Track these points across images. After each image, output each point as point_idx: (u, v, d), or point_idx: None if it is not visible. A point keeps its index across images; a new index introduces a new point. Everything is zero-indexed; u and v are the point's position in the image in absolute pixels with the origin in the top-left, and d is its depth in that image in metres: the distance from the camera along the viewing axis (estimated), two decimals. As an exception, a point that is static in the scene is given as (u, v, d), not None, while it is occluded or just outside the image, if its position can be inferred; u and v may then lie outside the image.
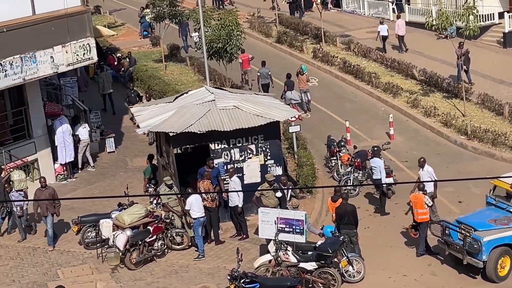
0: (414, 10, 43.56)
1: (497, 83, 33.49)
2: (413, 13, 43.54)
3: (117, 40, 47.06)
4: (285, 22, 46.01)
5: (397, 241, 21.77)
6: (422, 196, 20.62)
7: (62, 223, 23.59)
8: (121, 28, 51.00)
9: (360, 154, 25.43)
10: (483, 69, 34.97)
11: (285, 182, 22.52)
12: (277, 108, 24.01)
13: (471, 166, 26.18)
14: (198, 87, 29.77)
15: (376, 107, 32.77)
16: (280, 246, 19.39)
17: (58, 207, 22.44)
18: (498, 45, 38.24)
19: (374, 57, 37.89)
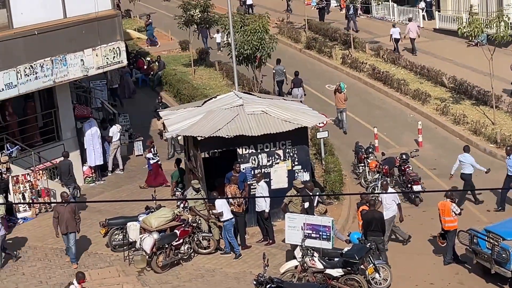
0: (444, 17, 43.33)
1: (527, 91, 33.22)
2: (443, 20, 43.32)
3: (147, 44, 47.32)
4: (314, 28, 46.01)
5: (425, 249, 21.63)
6: (450, 203, 20.49)
7: (90, 225, 23.73)
8: (151, 32, 51.22)
9: (388, 161, 25.33)
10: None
11: (311, 188, 22.50)
12: (305, 113, 23.98)
13: (501, 175, 25.87)
14: (227, 91, 29.84)
15: (405, 114, 32.63)
16: (307, 252, 19.35)
17: (79, 222, 21.52)
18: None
19: (403, 64, 37.75)
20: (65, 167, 25.19)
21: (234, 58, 30.15)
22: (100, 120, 29.41)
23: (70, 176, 25.18)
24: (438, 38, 42.48)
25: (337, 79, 37.39)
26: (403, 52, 39.67)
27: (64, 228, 21.14)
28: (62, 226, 21.14)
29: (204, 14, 38.41)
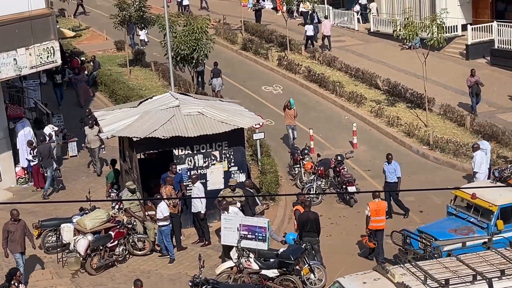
0: (379, 20, 43.91)
1: (459, 94, 33.87)
2: (378, 23, 43.90)
3: (81, 44, 46.78)
4: (250, 29, 46.11)
5: (360, 249, 21.85)
6: (385, 203, 20.76)
7: (22, 227, 23.30)
8: (85, 32, 50.70)
9: (324, 162, 25.54)
10: (445, 80, 35.38)
11: (250, 185, 22.61)
12: (241, 115, 24.02)
13: (433, 176, 26.42)
14: (163, 92, 29.70)
15: (340, 116, 32.95)
16: (242, 253, 19.37)
17: (32, 239, 20.29)
18: (460, 57, 38.70)
19: (339, 66, 38.12)
20: (46, 150, 25.68)
21: (170, 59, 30.02)
22: (33, 120, 28.93)
23: (50, 158, 25.70)
24: (373, 41, 43.03)
25: (273, 81, 37.62)
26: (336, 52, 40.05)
27: (18, 247, 19.73)
28: (15, 245, 19.67)
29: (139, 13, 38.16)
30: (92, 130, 27.41)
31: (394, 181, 23.38)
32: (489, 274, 15.09)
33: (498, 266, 15.47)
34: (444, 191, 22.97)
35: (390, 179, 23.44)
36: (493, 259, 15.94)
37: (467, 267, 15.46)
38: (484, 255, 16.14)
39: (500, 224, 19.63)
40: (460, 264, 15.67)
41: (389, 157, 23.56)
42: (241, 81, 37.84)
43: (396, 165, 23.51)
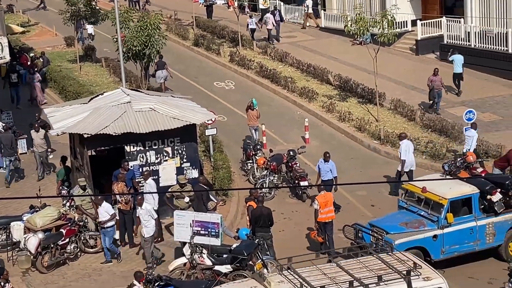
0: (329, 16, 44.14)
1: (409, 89, 34.22)
2: (328, 19, 44.12)
3: (30, 40, 46.18)
4: (202, 25, 46.00)
5: (312, 244, 21.96)
6: (331, 194, 21.13)
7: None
8: (34, 28, 50.08)
9: (276, 157, 25.60)
10: (396, 75, 35.72)
11: (204, 181, 22.59)
12: (194, 111, 23.96)
13: (384, 170, 26.64)
14: (114, 88, 29.45)
15: (292, 111, 33.05)
16: (195, 249, 19.34)
17: None
18: (410, 52, 39.10)
19: (290, 62, 38.24)
20: (8, 139, 26.23)
21: (121, 55, 29.80)
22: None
23: (12, 148, 26.10)
24: (324, 36, 43.25)
25: (226, 77, 37.60)
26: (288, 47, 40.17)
27: None
28: None
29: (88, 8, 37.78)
30: (38, 133, 26.97)
31: (329, 179, 23.42)
32: (367, 280, 15.09)
33: (378, 272, 15.42)
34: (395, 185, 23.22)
35: (326, 177, 23.46)
36: (373, 264, 15.89)
37: (346, 273, 15.39)
38: (364, 261, 16.08)
39: (450, 217, 19.90)
40: (339, 271, 15.60)
41: (327, 155, 23.62)
42: (193, 77, 37.74)
43: (333, 165, 23.56)
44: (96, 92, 29.45)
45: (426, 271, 15.72)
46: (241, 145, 27.53)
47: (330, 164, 23.58)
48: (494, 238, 20.46)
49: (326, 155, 23.68)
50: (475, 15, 35.94)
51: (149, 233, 20.36)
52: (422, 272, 15.52)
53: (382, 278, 15.13)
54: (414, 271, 15.41)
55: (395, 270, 15.46)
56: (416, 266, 15.60)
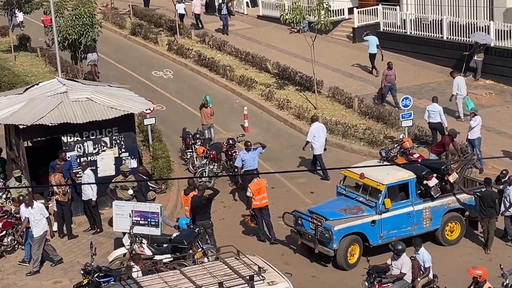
0: (266, 4, 44.17)
1: (347, 76, 34.52)
2: (266, 7, 44.15)
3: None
4: (139, 14, 45.60)
5: (252, 232, 22.03)
6: (264, 180, 21.32)
7: None
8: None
9: (216, 146, 25.59)
10: (333, 63, 35.98)
11: (143, 172, 22.47)
12: (132, 100, 23.77)
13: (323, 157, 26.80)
14: (50, 78, 29.04)
15: (231, 99, 33.04)
16: (135, 239, 19.24)
17: None
18: (347, 40, 39.40)
19: (229, 50, 38.19)
20: None
21: (56, 44, 29.38)
22: None
23: None
24: (262, 25, 43.29)
25: (164, 66, 37.37)
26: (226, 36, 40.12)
27: None
28: None
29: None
30: None
31: (255, 168, 23.42)
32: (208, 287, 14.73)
33: (222, 277, 15.07)
34: (334, 171, 23.41)
35: (252, 167, 23.40)
36: (219, 270, 15.53)
37: (188, 280, 15.06)
38: (210, 267, 15.73)
39: (387, 203, 20.16)
40: (182, 278, 15.23)
41: (248, 144, 23.66)
42: (130, 66, 37.41)
43: (256, 154, 23.64)
44: (31, 82, 28.97)
45: (271, 275, 15.32)
46: (180, 134, 27.40)
47: (256, 152, 23.56)
48: (431, 222, 20.82)
49: (247, 144, 23.68)
50: (410, 2, 36.41)
51: (38, 233, 19.71)
52: (267, 277, 15.11)
53: (224, 285, 14.70)
54: (258, 275, 15.02)
55: (239, 275, 15.08)
56: (261, 271, 15.18)
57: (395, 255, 17.89)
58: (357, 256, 20.14)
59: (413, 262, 17.84)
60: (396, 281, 17.72)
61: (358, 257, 20.15)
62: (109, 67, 35.76)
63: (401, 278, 17.72)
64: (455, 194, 21.08)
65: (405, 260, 17.77)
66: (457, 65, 33.60)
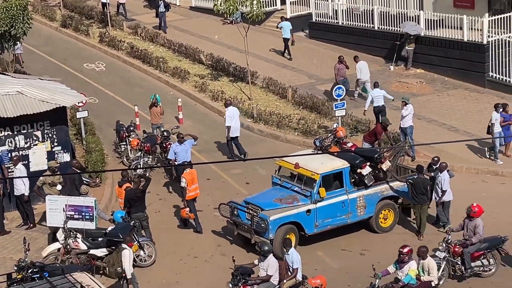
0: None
1: (280, 67, 34.65)
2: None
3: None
4: (69, 5, 44.92)
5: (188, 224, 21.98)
6: (195, 171, 21.43)
7: None
8: None
9: (150, 138, 25.41)
10: (267, 54, 36.08)
11: (77, 165, 22.22)
12: (63, 93, 23.46)
13: (258, 148, 26.93)
14: (-22, 72, 28.43)
15: (165, 91, 32.83)
16: (69, 234, 19.03)
17: None
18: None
19: (162, 42, 37.95)
20: None
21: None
22: None
23: None
24: (195, 16, 43.11)
25: (96, 58, 36.95)
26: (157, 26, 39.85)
27: None
28: None
29: None
30: None
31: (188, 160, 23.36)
32: None
33: None
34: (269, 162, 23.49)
35: (184, 159, 23.28)
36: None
37: None
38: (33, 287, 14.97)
39: (322, 192, 20.32)
40: None
41: (180, 136, 23.61)
42: (61, 59, 36.86)
43: (188, 146, 23.56)
44: (-41, 76, 28.29)
45: None
46: (113, 127, 27.14)
47: (188, 144, 23.52)
48: (365, 210, 21.07)
49: (179, 136, 23.61)
50: (342, -7, 36.72)
51: None
52: None
53: None
54: None
55: None
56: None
57: (261, 256, 17.40)
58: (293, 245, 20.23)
59: (280, 263, 17.40)
60: (261, 282, 17.30)
61: (294, 246, 20.25)
62: (39, 60, 35.19)
63: (267, 280, 17.29)
64: (388, 182, 21.38)
65: (271, 261, 17.30)
66: (389, 54, 34.06)
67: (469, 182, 23.90)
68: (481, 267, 18.83)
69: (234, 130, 25.62)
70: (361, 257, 20.22)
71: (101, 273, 19.14)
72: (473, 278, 18.76)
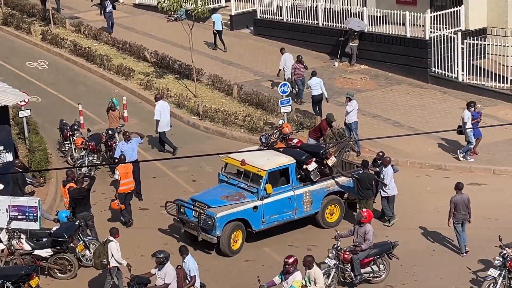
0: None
1: (226, 64, 34.62)
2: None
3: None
4: (10, 3, 44.19)
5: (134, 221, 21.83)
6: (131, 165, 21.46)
7: None
8: None
9: (94, 137, 25.17)
10: (212, 51, 36.01)
11: (20, 165, 21.91)
12: (5, 92, 23.13)
13: (204, 145, 26.88)
14: None
15: (109, 89, 32.56)
16: (13, 235, 18.77)
17: None
18: (225, 28, 39.41)
19: (105, 40, 37.59)
20: None
21: None
22: None
23: None
24: (139, 13, 42.81)
25: (38, 56, 36.46)
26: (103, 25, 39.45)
27: None
28: None
29: None
30: None
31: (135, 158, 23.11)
32: None
33: None
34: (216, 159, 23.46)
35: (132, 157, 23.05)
36: None
37: None
38: None
39: (269, 188, 20.37)
40: None
41: (127, 134, 23.49)
42: (3, 57, 36.26)
43: (135, 144, 23.40)
44: None
45: None
46: (57, 126, 26.79)
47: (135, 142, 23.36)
48: (311, 206, 21.18)
49: (126, 134, 23.46)
50: (286, -10, 36.83)
51: None
52: None
53: None
54: None
55: None
56: None
57: (159, 264, 17.01)
58: (240, 242, 20.29)
59: (178, 271, 17.01)
60: None
61: (241, 243, 20.30)
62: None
63: None
64: (334, 177, 21.52)
65: (168, 269, 16.95)
66: (333, 51, 34.28)
67: (413, 176, 24.23)
68: (371, 273, 18.72)
69: (164, 124, 25.83)
70: (308, 252, 20.26)
71: (46, 273, 18.92)
72: (364, 284, 18.70)
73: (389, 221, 21.47)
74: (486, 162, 24.92)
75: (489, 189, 23.47)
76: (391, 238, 19.30)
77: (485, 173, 24.48)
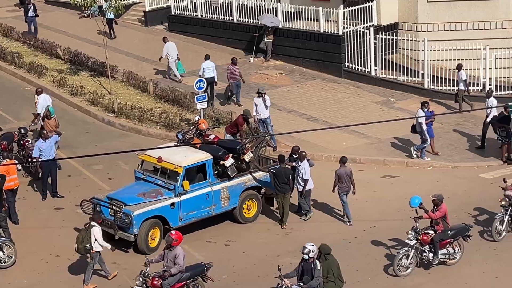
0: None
1: (140, 61, 34.35)
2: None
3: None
4: None
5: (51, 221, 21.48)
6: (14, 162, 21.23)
7: None
8: None
9: (6, 136, 24.59)
10: (126, 48, 35.69)
11: None
12: None
13: (120, 143, 26.61)
14: None
15: (21, 87, 31.92)
16: None
17: None
18: (139, 24, 39.18)
19: (16, 37, 36.82)
20: None
21: None
22: None
23: None
24: (50, 9, 42.10)
25: None
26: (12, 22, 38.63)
27: None
28: None
29: None
30: None
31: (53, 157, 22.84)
32: None
33: None
34: (132, 156, 23.28)
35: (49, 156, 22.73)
36: None
37: None
38: None
39: (186, 185, 20.30)
40: None
41: (44, 132, 23.16)
42: None
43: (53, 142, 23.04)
44: None
45: None
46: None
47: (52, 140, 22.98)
48: (229, 201, 21.21)
49: (43, 133, 23.07)
50: (200, -15, 36.76)
51: None
52: None
53: None
54: None
55: None
56: None
57: None
58: (158, 239, 20.17)
59: None
60: None
61: (159, 240, 20.18)
62: None
63: None
64: (251, 173, 21.61)
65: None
66: (248, 46, 34.40)
67: (329, 170, 24.48)
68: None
69: None
70: (226, 248, 20.38)
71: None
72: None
73: (306, 215, 21.69)
74: (399, 155, 25.43)
75: (402, 181, 23.95)
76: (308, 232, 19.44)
77: (399, 165, 24.99)
